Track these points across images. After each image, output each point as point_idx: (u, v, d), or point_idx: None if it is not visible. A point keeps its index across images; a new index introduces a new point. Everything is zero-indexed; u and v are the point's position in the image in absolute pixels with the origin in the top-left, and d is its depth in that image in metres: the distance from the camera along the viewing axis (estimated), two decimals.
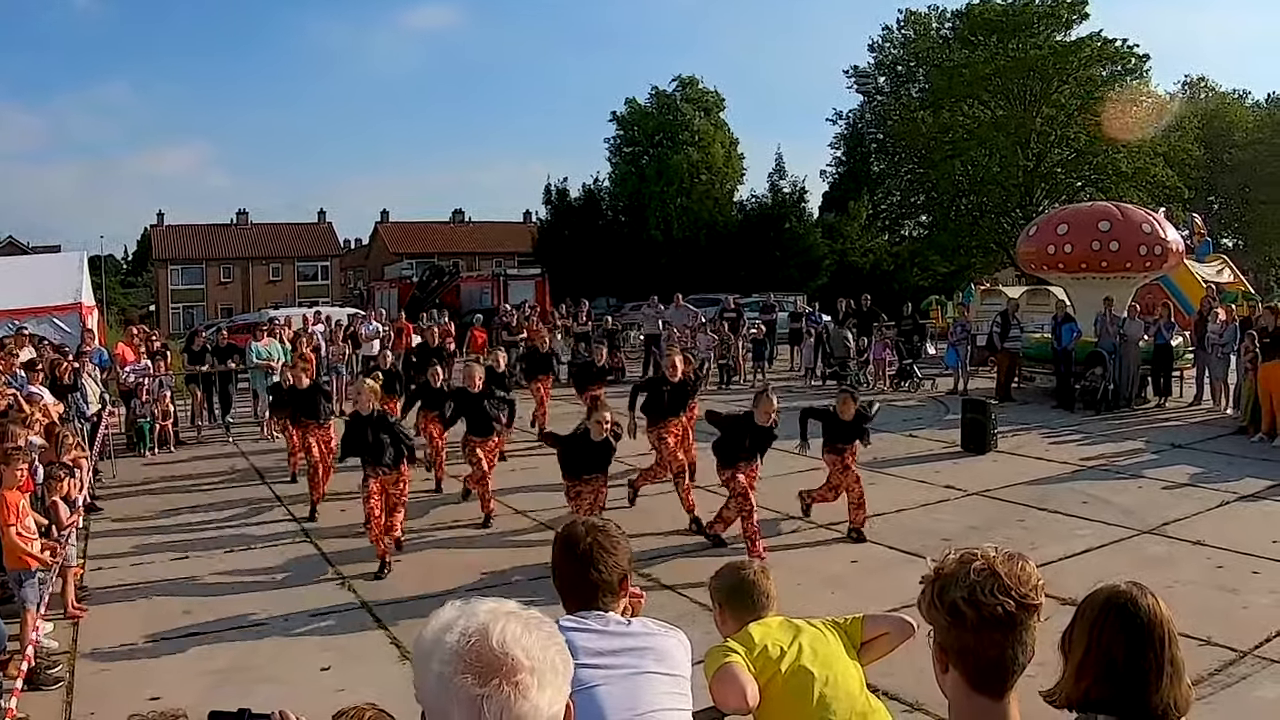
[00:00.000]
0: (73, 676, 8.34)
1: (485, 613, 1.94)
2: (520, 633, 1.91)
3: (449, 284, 46.90)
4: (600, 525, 3.69)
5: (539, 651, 1.91)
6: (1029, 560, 2.50)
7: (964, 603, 2.37)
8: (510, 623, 1.92)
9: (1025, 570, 2.43)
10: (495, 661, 1.85)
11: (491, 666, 1.85)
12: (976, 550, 2.46)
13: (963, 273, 54.75)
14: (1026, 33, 57.97)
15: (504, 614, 1.94)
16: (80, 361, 17.44)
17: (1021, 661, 2.41)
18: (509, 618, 1.94)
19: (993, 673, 2.40)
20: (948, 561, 2.48)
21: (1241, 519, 12.33)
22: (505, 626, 1.91)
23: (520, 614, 1.97)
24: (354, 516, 12.85)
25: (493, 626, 1.90)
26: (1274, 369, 17.06)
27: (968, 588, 2.38)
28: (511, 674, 1.85)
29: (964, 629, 2.38)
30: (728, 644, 4.18)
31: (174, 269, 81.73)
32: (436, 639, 1.91)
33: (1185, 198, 56.74)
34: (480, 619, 1.92)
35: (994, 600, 2.35)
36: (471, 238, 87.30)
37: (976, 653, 2.39)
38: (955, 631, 2.40)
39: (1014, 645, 2.38)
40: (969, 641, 2.39)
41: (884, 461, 15.90)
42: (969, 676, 2.41)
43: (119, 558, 11.92)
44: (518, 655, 1.87)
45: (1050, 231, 23.54)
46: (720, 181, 60.55)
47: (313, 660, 8.55)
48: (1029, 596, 2.39)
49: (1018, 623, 2.37)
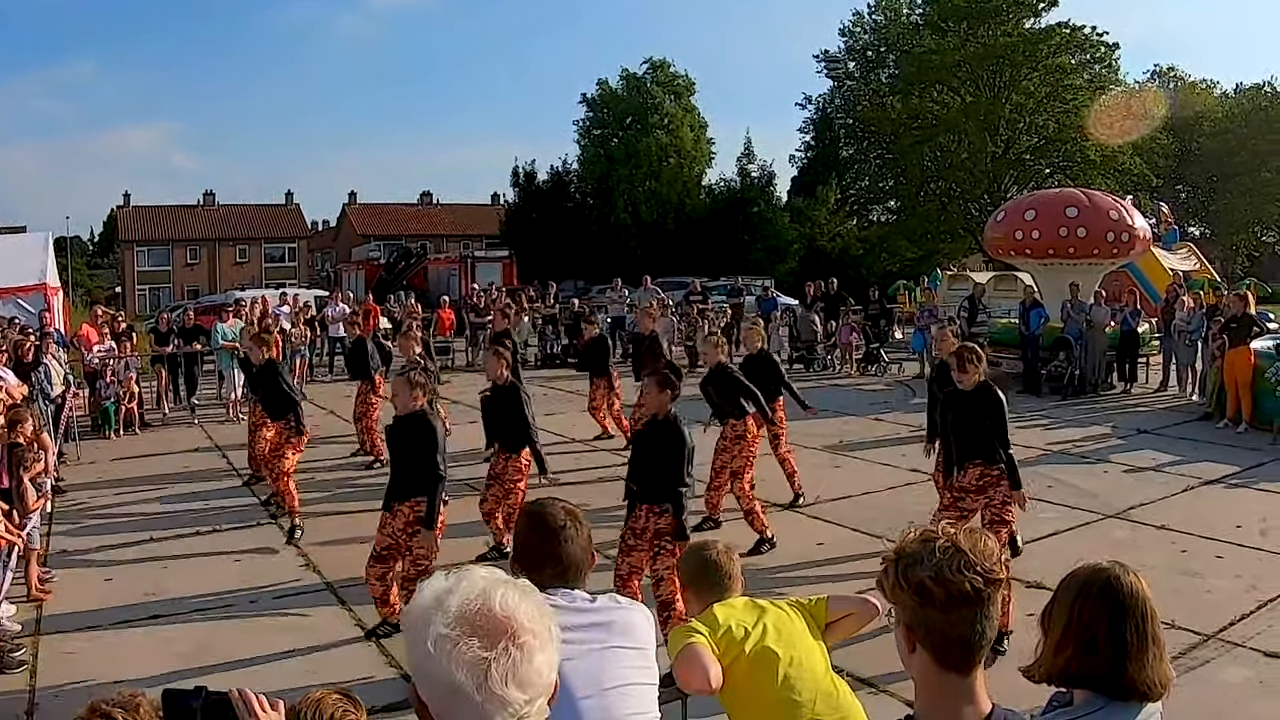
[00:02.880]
0: (36, 659, 8.28)
1: (482, 579, 1.97)
2: (519, 598, 1.95)
3: (416, 266, 46.85)
4: (570, 505, 3.71)
5: (537, 616, 1.95)
6: (989, 535, 2.51)
7: (931, 582, 2.36)
8: (508, 588, 1.96)
9: (987, 546, 2.42)
10: (500, 624, 1.89)
11: (497, 629, 1.88)
12: (936, 529, 2.45)
13: (930, 258, 54.84)
14: (996, 20, 58.13)
15: (500, 580, 1.98)
16: (44, 342, 17.32)
17: (989, 636, 2.40)
18: (506, 584, 1.97)
19: (961, 649, 2.39)
20: (909, 541, 2.46)
21: (1206, 504, 12.44)
22: (505, 591, 1.94)
23: (514, 581, 2.01)
24: (313, 495, 12.85)
25: (493, 591, 1.93)
26: (1239, 355, 17.19)
27: (934, 567, 2.36)
28: (516, 636, 1.89)
29: (932, 608, 2.37)
30: (692, 624, 4.18)
31: (140, 250, 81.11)
32: (435, 604, 1.92)
33: (1153, 186, 57.04)
34: (479, 584, 1.95)
35: (961, 577, 2.33)
36: (439, 220, 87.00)
37: (945, 631, 2.38)
38: (924, 611, 2.39)
39: (981, 620, 2.37)
40: (937, 620, 2.37)
41: (850, 445, 15.96)
42: (937, 655, 2.40)
43: (83, 539, 11.84)
44: (520, 618, 1.91)
45: (1018, 217, 23.59)
46: (689, 165, 60.75)
47: (276, 641, 8.50)
48: (994, 571, 2.38)
49: (984, 598, 2.36)
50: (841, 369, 26.10)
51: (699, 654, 3.93)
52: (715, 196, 61.02)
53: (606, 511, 10.27)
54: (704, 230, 55.95)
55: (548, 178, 61.14)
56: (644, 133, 59.14)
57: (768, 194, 60.86)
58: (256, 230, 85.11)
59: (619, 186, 58.13)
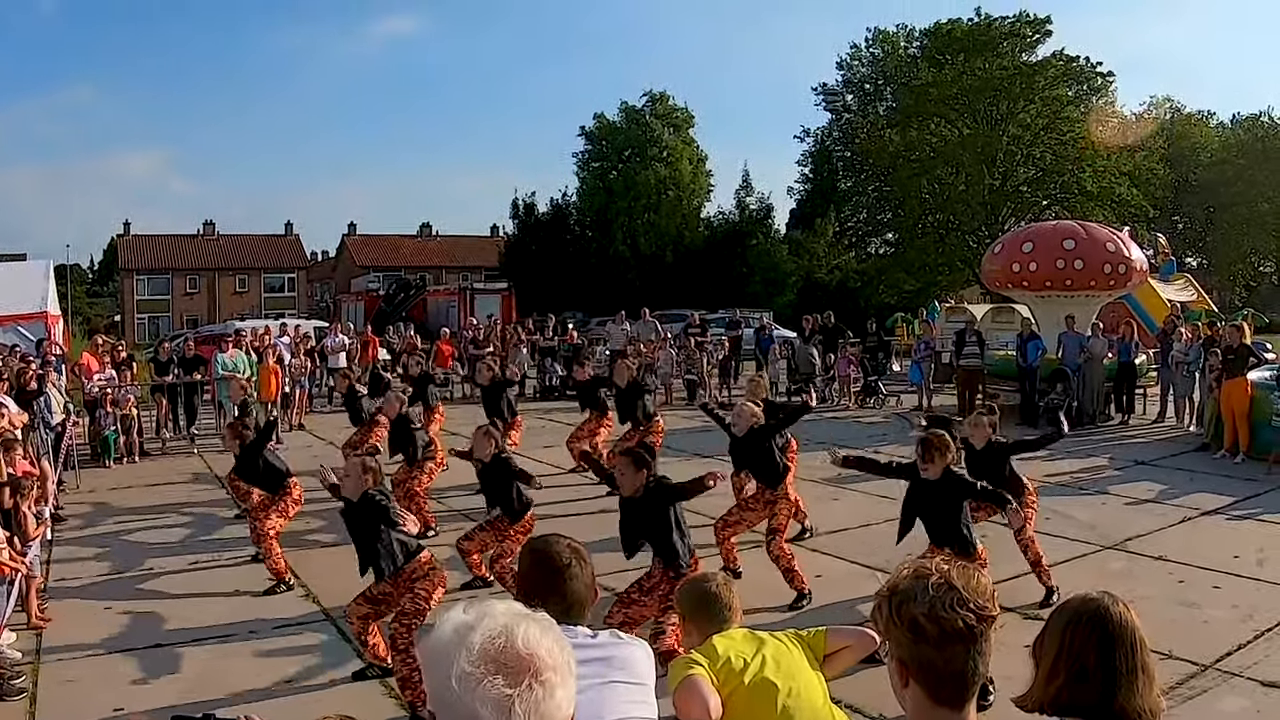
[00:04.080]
0: (36, 687, 8.28)
1: (503, 614, 1.99)
2: (540, 634, 1.97)
3: (415, 297, 46.85)
4: (575, 543, 3.76)
5: (558, 651, 1.98)
6: (982, 571, 2.54)
7: (925, 619, 2.37)
8: (530, 624, 1.98)
9: (980, 582, 2.44)
10: (523, 662, 1.91)
11: (521, 666, 1.90)
12: (929, 564, 2.48)
13: (928, 290, 54.93)
14: (992, 52, 58.41)
15: (522, 615, 2.00)
16: (45, 370, 17.34)
17: (981, 671, 2.42)
18: (528, 619, 1.99)
19: (955, 685, 2.40)
20: (902, 576, 2.49)
21: (1203, 534, 12.46)
22: (527, 628, 1.96)
23: (534, 615, 2.02)
24: (313, 525, 12.86)
25: (515, 628, 1.95)
26: (1236, 386, 17.22)
27: (928, 604, 2.38)
28: (539, 673, 1.91)
29: (926, 644, 2.39)
30: (691, 656, 4.21)
31: (140, 279, 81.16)
32: (458, 640, 1.94)
33: (1150, 217, 57.23)
34: (501, 620, 1.96)
35: (954, 614, 2.35)
36: (439, 251, 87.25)
37: (938, 667, 2.39)
38: (917, 647, 2.40)
39: (975, 656, 2.39)
40: (931, 656, 2.39)
41: (848, 477, 15.92)
42: (931, 690, 2.42)
43: (83, 568, 11.84)
44: (542, 655, 1.93)
45: (1015, 249, 23.63)
46: (687, 197, 60.92)
47: (277, 671, 8.50)
48: (987, 608, 2.40)
49: (978, 634, 2.38)
50: (840, 401, 26.10)
51: (698, 685, 3.95)
52: (714, 229, 61.19)
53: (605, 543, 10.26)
54: (702, 262, 56.04)
55: (547, 210, 61.30)
56: (643, 165, 59.34)
57: (766, 226, 61.07)
58: (256, 260, 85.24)
59: (618, 219, 58.28)
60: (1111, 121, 60.32)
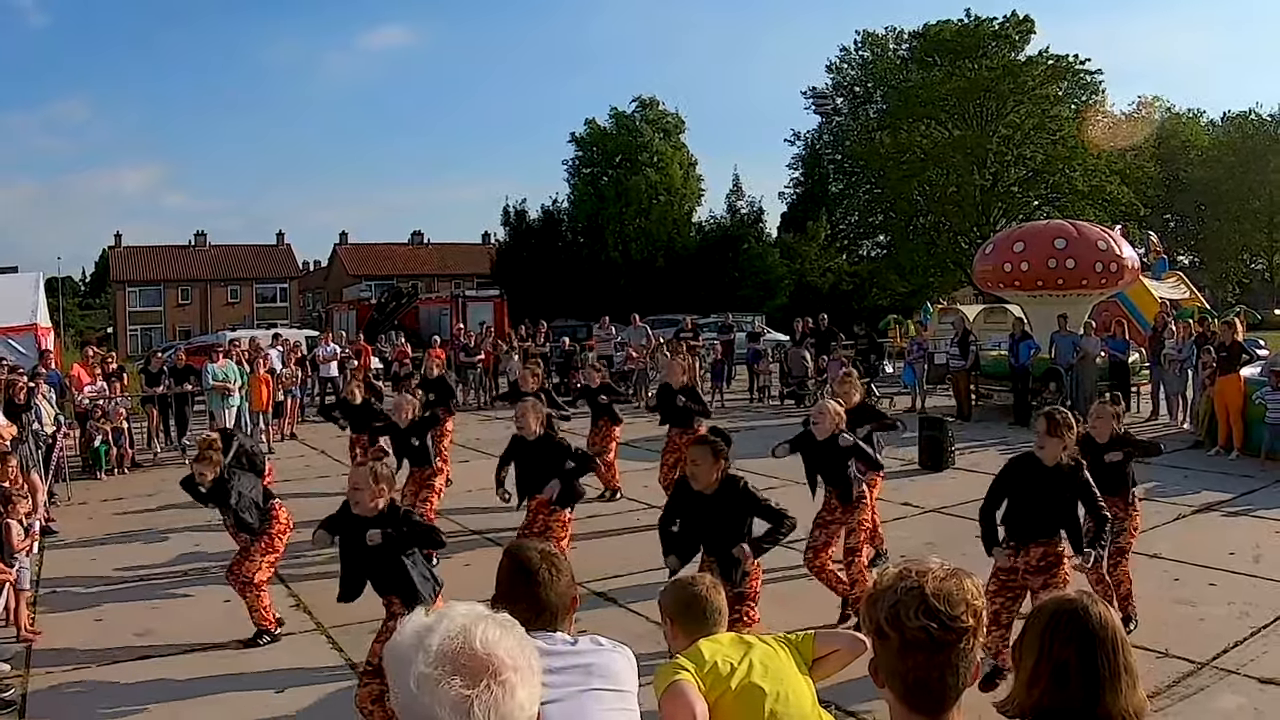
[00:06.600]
0: (25, 699, 8.23)
1: (462, 615, 1.97)
2: (500, 634, 1.95)
3: (408, 306, 46.75)
4: (550, 548, 3.73)
5: (518, 651, 1.95)
6: (971, 577, 2.44)
7: (886, 623, 2.33)
8: (488, 624, 1.96)
9: (960, 590, 2.36)
10: (481, 662, 1.89)
11: (479, 667, 1.88)
12: (913, 567, 2.40)
13: (921, 292, 55.01)
14: (980, 53, 58.51)
15: (481, 616, 1.99)
16: (35, 382, 17.28)
17: (953, 685, 2.35)
18: (486, 620, 1.98)
19: (923, 694, 2.35)
20: (885, 576, 2.43)
21: (1198, 532, 12.46)
22: (485, 628, 1.94)
23: (494, 616, 2.01)
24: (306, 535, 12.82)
25: (474, 628, 1.93)
26: (1229, 383, 17.25)
27: (891, 608, 2.33)
28: (498, 673, 1.89)
29: (889, 651, 2.35)
30: (677, 661, 4.16)
31: (132, 291, 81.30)
32: (416, 643, 1.92)
33: (1142, 215, 57.36)
34: (459, 621, 1.95)
35: (916, 622, 2.29)
36: (430, 259, 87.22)
37: (901, 673, 2.34)
38: (884, 652, 2.37)
39: (941, 669, 2.32)
40: (893, 662, 2.35)
41: None
42: (901, 696, 2.37)
43: (73, 578, 11.78)
44: (501, 655, 1.91)
45: (1007, 250, 23.66)
46: (678, 202, 60.87)
47: (267, 682, 8.45)
48: (958, 620, 2.32)
49: (944, 646, 2.31)
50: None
51: (685, 691, 3.91)
52: (705, 234, 61.14)
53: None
54: (694, 267, 56.03)
55: (538, 216, 61.15)
56: (634, 171, 59.30)
57: (757, 230, 61.09)
58: (248, 270, 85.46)
59: (609, 225, 58.27)
60: (1102, 121, 60.47)
